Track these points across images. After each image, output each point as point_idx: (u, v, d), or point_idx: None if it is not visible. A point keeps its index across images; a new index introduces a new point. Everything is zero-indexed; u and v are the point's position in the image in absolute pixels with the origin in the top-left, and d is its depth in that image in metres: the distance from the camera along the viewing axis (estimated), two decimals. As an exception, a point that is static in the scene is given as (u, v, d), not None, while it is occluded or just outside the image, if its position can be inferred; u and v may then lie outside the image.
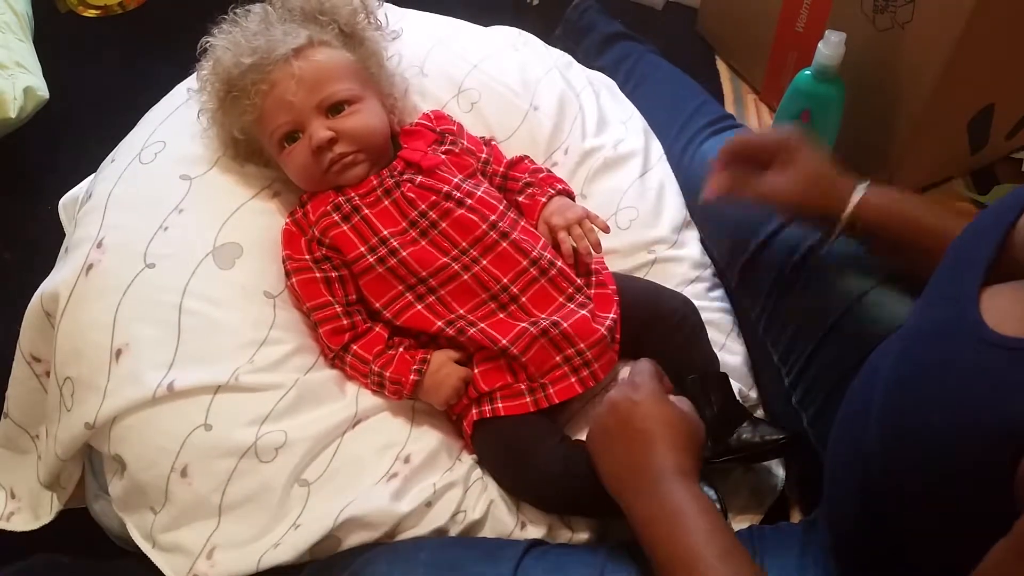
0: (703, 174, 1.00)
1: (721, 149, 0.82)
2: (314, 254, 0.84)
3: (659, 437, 0.69)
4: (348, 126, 0.84)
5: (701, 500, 0.64)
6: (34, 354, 0.85)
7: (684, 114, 1.09)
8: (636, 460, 0.69)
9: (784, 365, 0.88)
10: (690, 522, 0.62)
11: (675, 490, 0.65)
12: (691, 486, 0.65)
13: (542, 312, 0.82)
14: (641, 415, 0.70)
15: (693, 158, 1.04)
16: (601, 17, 1.39)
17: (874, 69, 1.12)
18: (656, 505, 0.65)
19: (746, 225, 0.93)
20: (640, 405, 0.71)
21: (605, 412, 0.73)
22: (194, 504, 0.74)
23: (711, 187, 0.81)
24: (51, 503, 0.89)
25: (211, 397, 0.76)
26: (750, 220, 0.93)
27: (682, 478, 0.66)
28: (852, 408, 0.70)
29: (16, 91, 1.24)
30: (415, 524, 0.76)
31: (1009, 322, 0.49)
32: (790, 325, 0.87)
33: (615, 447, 0.70)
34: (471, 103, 1.02)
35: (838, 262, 0.84)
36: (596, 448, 0.73)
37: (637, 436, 0.69)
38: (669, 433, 0.69)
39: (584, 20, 1.38)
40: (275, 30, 0.85)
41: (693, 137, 1.06)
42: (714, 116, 1.09)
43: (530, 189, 0.92)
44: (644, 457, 0.68)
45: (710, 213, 1.00)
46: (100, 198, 0.85)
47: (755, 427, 0.82)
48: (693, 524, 0.62)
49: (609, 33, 1.34)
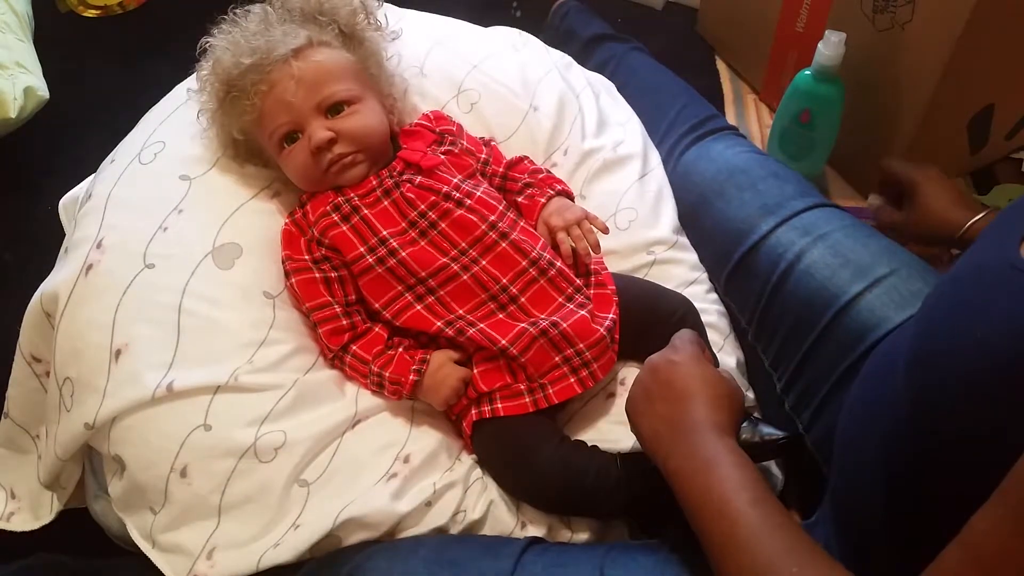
0: (688, 185, 1.00)
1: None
2: (314, 254, 0.84)
3: (698, 393, 0.68)
4: (347, 126, 0.84)
5: (736, 454, 0.63)
6: (34, 354, 0.85)
7: (666, 120, 1.09)
8: (675, 416, 0.68)
9: (775, 371, 0.88)
10: (723, 471, 0.61)
11: (710, 441, 0.64)
12: (727, 441, 0.65)
13: (541, 312, 0.83)
14: (682, 375, 0.70)
15: (675, 168, 1.04)
16: (581, 19, 1.37)
17: (874, 69, 1.11)
18: (691, 456, 0.64)
19: (730, 235, 0.93)
20: (680, 365, 0.71)
21: (646, 375, 0.72)
22: (194, 504, 0.74)
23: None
24: (51, 503, 0.89)
25: (210, 397, 0.76)
26: (732, 230, 0.93)
27: (719, 433, 0.65)
28: (872, 380, 0.69)
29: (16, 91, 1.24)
30: (415, 524, 0.76)
31: None
32: (779, 332, 0.88)
33: (656, 406, 0.70)
34: (471, 103, 1.02)
35: (825, 269, 0.84)
36: (637, 409, 0.72)
37: (677, 394, 0.69)
38: (708, 391, 0.68)
39: (564, 26, 1.37)
40: (275, 30, 0.85)
41: (674, 146, 1.05)
42: (695, 120, 1.07)
43: (529, 190, 0.92)
44: (682, 413, 0.67)
45: (692, 223, 1.00)
46: (100, 198, 0.85)
47: (755, 427, 0.81)
48: (726, 473, 0.61)
49: (588, 37, 1.32)
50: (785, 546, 0.55)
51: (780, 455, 0.85)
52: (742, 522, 0.57)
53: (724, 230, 0.95)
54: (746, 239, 0.91)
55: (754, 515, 0.57)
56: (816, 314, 0.83)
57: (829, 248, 0.86)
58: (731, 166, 0.99)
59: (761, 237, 0.90)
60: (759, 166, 0.98)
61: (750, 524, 0.57)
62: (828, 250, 0.86)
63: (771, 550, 0.55)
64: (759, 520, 0.57)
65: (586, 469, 0.77)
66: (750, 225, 0.92)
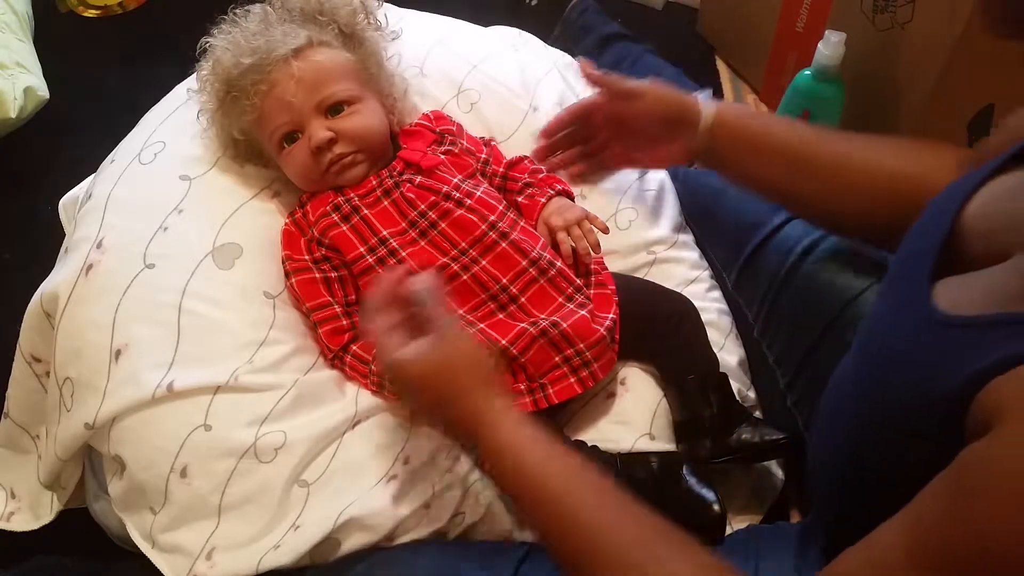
0: (701, 179, 1.01)
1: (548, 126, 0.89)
2: (314, 254, 0.84)
3: (448, 390, 0.66)
4: (347, 126, 0.84)
5: (507, 417, 0.64)
6: (34, 354, 0.85)
7: None
8: (453, 416, 0.67)
9: (779, 367, 0.88)
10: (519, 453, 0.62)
11: (489, 433, 0.64)
12: (495, 416, 0.64)
13: (541, 312, 0.82)
14: (416, 378, 0.66)
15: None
16: (599, 18, 1.39)
17: (874, 69, 1.12)
18: (495, 451, 0.64)
19: (744, 227, 0.93)
20: (411, 368, 0.66)
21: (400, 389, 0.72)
22: (193, 504, 0.74)
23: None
24: (51, 503, 0.89)
25: (210, 397, 0.76)
26: (747, 223, 0.93)
27: (492, 413, 0.64)
28: (828, 407, 0.70)
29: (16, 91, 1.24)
30: (414, 526, 0.75)
31: (959, 306, 0.50)
32: (785, 327, 0.88)
33: (433, 415, 0.70)
34: (471, 103, 1.02)
35: (832, 264, 0.84)
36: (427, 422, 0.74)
37: (433, 400, 0.67)
38: (445, 376, 0.66)
39: (582, 21, 1.39)
40: (274, 30, 0.85)
41: None
42: None
43: (529, 189, 0.92)
44: (458, 411, 0.66)
45: (707, 217, 1.00)
46: (100, 198, 0.85)
47: (755, 427, 0.82)
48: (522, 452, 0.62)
49: (607, 34, 1.34)
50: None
51: (780, 455, 0.85)
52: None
53: (736, 225, 0.95)
54: (757, 232, 0.91)
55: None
56: (823, 309, 0.83)
57: (837, 241, 0.86)
58: None
59: (772, 230, 0.90)
60: None
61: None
62: (836, 243, 0.86)
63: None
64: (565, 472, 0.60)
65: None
66: (761, 219, 0.92)
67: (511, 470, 0.62)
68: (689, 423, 0.83)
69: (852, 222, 0.79)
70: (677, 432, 0.85)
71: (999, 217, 0.54)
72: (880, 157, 0.77)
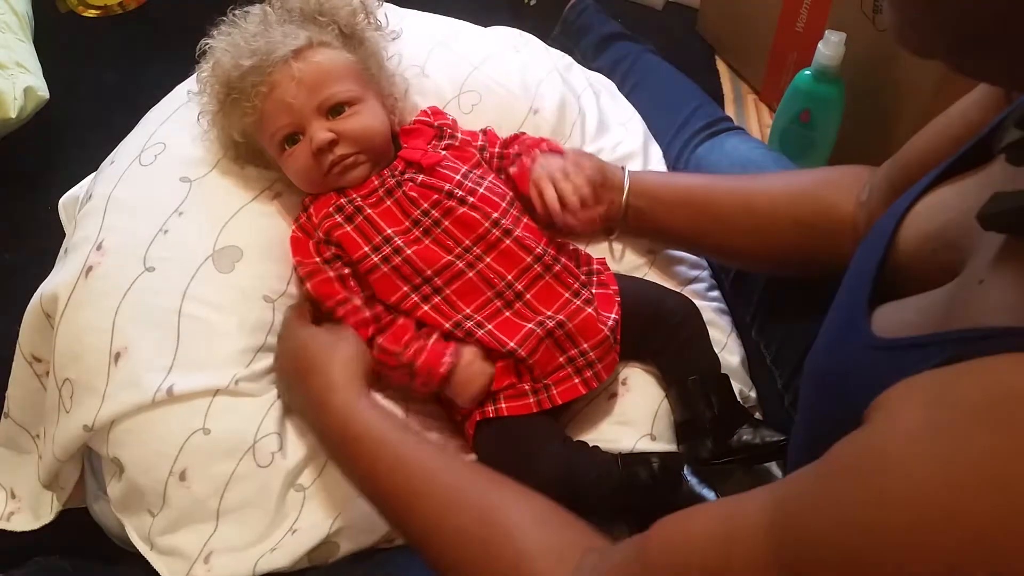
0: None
1: None
2: (323, 255, 0.84)
3: (307, 371, 0.73)
4: (349, 127, 0.84)
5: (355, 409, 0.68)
6: (34, 354, 0.85)
7: (680, 117, 1.09)
8: (307, 406, 0.74)
9: (776, 367, 0.88)
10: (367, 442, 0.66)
11: (343, 419, 0.68)
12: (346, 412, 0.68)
13: (548, 309, 0.82)
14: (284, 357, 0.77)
15: (688, 162, 1.05)
16: (599, 17, 1.39)
17: (874, 69, 1.11)
18: (341, 440, 0.68)
19: None
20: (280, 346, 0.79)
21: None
22: (192, 508, 0.74)
23: None
24: (51, 503, 0.89)
25: (209, 401, 0.76)
26: None
27: (343, 390, 0.70)
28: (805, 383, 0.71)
29: (16, 91, 1.24)
30: (414, 528, 0.75)
31: (893, 329, 0.49)
32: (781, 328, 0.87)
33: (293, 396, 0.78)
34: (472, 105, 1.02)
35: None
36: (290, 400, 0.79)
37: (294, 381, 0.76)
38: (303, 365, 0.74)
39: (582, 20, 1.38)
40: (274, 31, 0.84)
41: (689, 141, 1.06)
42: (710, 119, 1.08)
43: (520, 159, 0.91)
44: (311, 401, 0.72)
45: None
46: (100, 200, 0.85)
47: (756, 429, 0.82)
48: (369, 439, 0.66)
49: (607, 33, 1.33)
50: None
51: (781, 457, 0.85)
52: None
53: None
54: None
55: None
56: (818, 309, 0.83)
57: None
58: (745, 159, 1.00)
59: None
60: (772, 162, 1.00)
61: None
62: None
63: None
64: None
65: (588, 470, 0.77)
66: None
67: (362, 436, 0.66)
68: (690, 424, 0.83)
69: (767, 258, 0.83)
70: (678, 433, 0.85)
71: (936, 235, 0.53)
72: (782, 186, 0.81)
